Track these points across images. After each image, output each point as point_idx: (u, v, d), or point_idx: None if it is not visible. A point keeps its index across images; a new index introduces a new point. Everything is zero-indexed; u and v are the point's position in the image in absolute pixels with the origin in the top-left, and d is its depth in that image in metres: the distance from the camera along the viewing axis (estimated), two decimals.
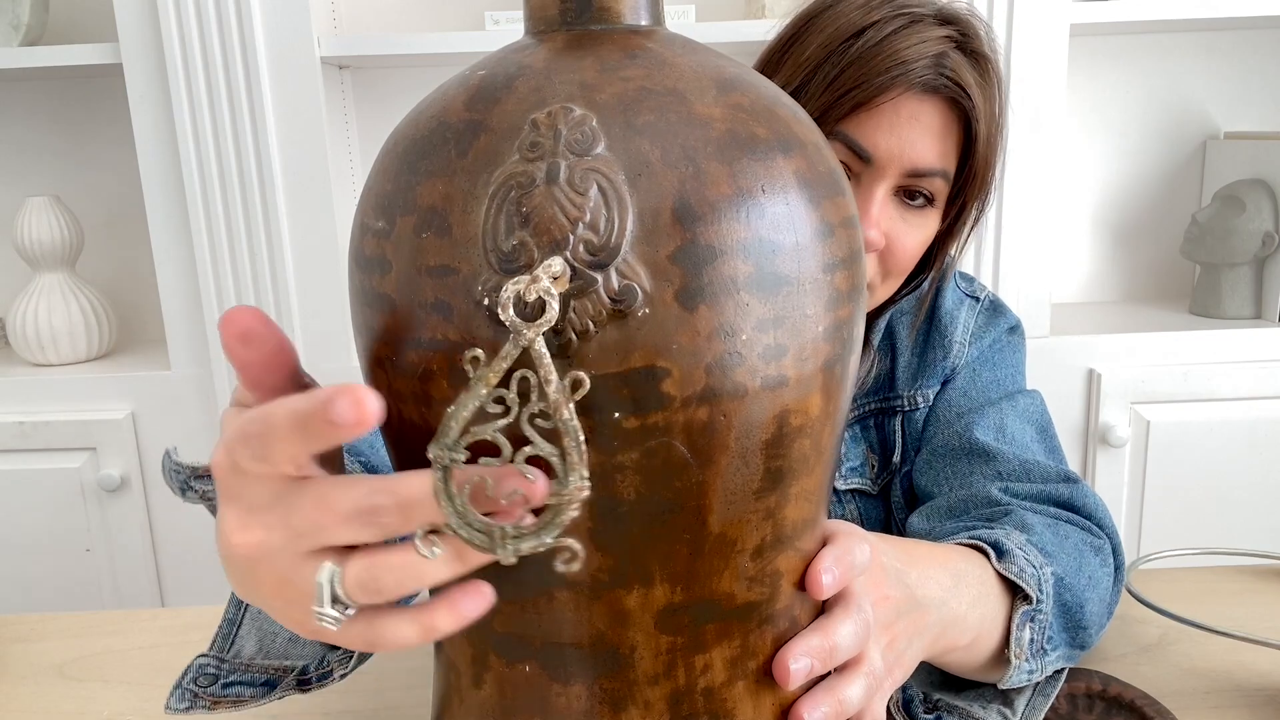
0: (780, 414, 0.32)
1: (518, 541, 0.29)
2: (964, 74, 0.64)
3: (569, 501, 0.28)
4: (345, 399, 0.27)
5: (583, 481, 0.28)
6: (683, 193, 0.29)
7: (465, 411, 0.29)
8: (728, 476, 0.31)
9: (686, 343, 0.29)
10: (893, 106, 0.63)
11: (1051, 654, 0.53)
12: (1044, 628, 0.52)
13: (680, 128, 0.30)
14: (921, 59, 0.62)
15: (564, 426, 0.28)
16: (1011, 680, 0.51)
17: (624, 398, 0.29)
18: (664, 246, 0.29)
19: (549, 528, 0.29)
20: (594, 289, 0.29)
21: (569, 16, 0.34)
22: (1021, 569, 0.52)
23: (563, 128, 0.30)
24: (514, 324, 0.28)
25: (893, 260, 0.67)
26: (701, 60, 0.33)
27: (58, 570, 1.45)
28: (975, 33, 0.66)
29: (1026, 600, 0.51)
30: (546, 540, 0.29)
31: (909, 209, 0.67)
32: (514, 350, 0.28)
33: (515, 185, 0.29)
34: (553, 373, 0.28)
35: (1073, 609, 0.55)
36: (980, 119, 0.65)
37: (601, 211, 0.29)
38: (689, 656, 0.33)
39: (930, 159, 0.65)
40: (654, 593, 0.32)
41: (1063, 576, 0.55)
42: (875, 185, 0.65)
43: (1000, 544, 0.53)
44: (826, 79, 0.63)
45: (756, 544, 0.33)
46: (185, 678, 0.50)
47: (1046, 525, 0.60)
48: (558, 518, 0.29)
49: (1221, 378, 1.39)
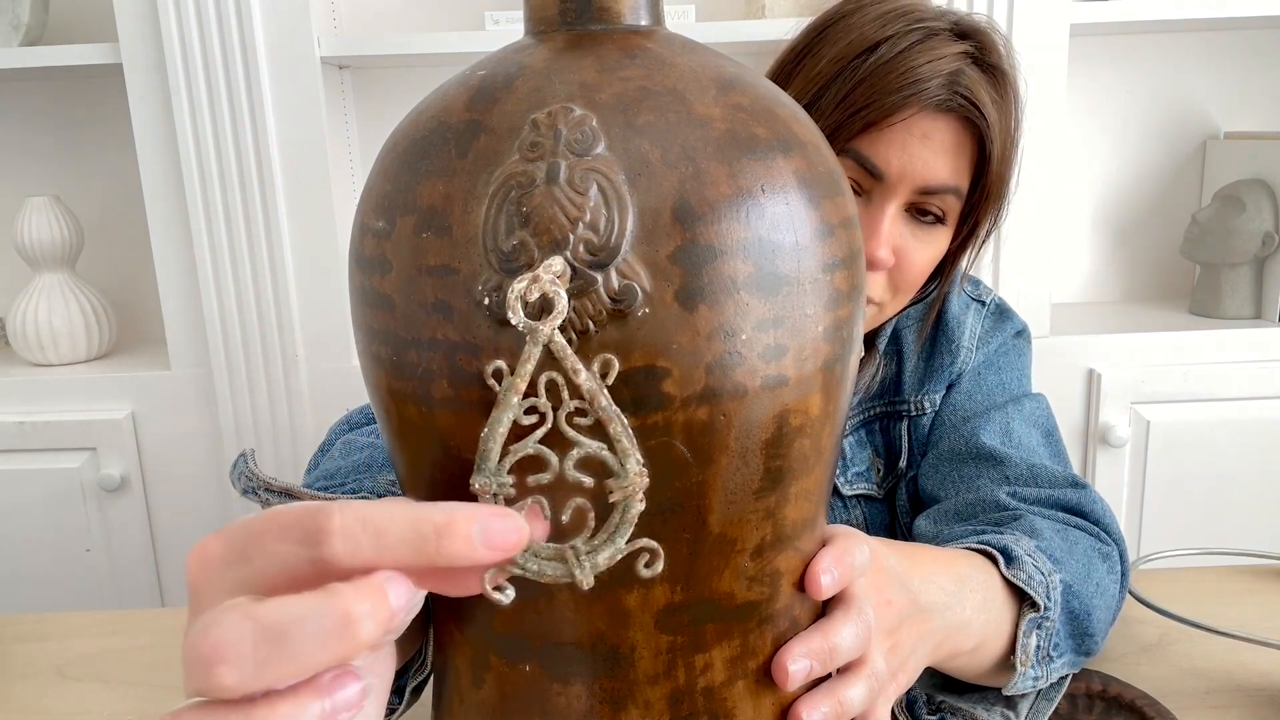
0: (780, 414, 0.32)
1: (594, 555, 0.28)
2: (979, 91, 0.62)
3: (633, 491, 0.27)
4: (502, 522, 0.25)
5: (640, 467, 0.28)
6: (683, 193, 0.29)
7: (501, 428, 0.28)
8: (728, 476, 0.31)
9: (686, 342, 0.29)
10: (905, 125, 0.62)
11: (1057, 661, 0.53)
12: (1051, 635, 0.52)
13: (680, 128, 0.30)
14: (935, 77, 0.61)
15: (606, 414, 0.27)
16: (1016, 687, 0.51)
17: (624, 398, 0.29)
18: (664, 246, 0.29)
19: (621, 528, 0.28)
20: (594, 289, 0.29)
21: (569, 16, 0.34)
22: (1030, 576, 0.51)
23: (563, 128, 0.30)
24: (527, 324, 0.27)
25: (902, 277, 0.66)
26: (701, 60, 0.33)
27: (58, 570, 1.45)
28: (993, 46, 0.64)
29: (1034, 608, 0.51)
30: (621, 544, 0.28)
31: (919, 226, 0.66)
32: (535, 349, 0.27)
33: (515, 185, 0.29)
34: (580, 363, 0.27)
35: (1080, 616, 0.55)
36: (995, 137, 0.63)
37: (601, 211, 0.29)
38: (689, 656, 0.33)
39: (942, 177, 0.63)
40: (654, 592, 0.32)
41: (1071, 584, 0.54)
42: (886, 203, 0.64)
43: (1009, 550, 0.52)
44: (838, 95, 0.62)
45: (756, 544, 0.33)
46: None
47: (1056, 531, 0.59)
48: (627, 514, 0.28)
49: (1221, 378, 1.39)
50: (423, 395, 0.31)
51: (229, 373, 1.39)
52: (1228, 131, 1.57)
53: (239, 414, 1.41)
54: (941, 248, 0.67)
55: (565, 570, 0.28)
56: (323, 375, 1.41)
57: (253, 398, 1.40)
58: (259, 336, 1.38)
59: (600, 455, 0.28)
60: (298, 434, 1.41)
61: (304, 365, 1.40)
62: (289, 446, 1.42)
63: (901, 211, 0.65)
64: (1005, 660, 0.51)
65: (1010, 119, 0.65)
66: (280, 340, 1.39)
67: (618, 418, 0.28)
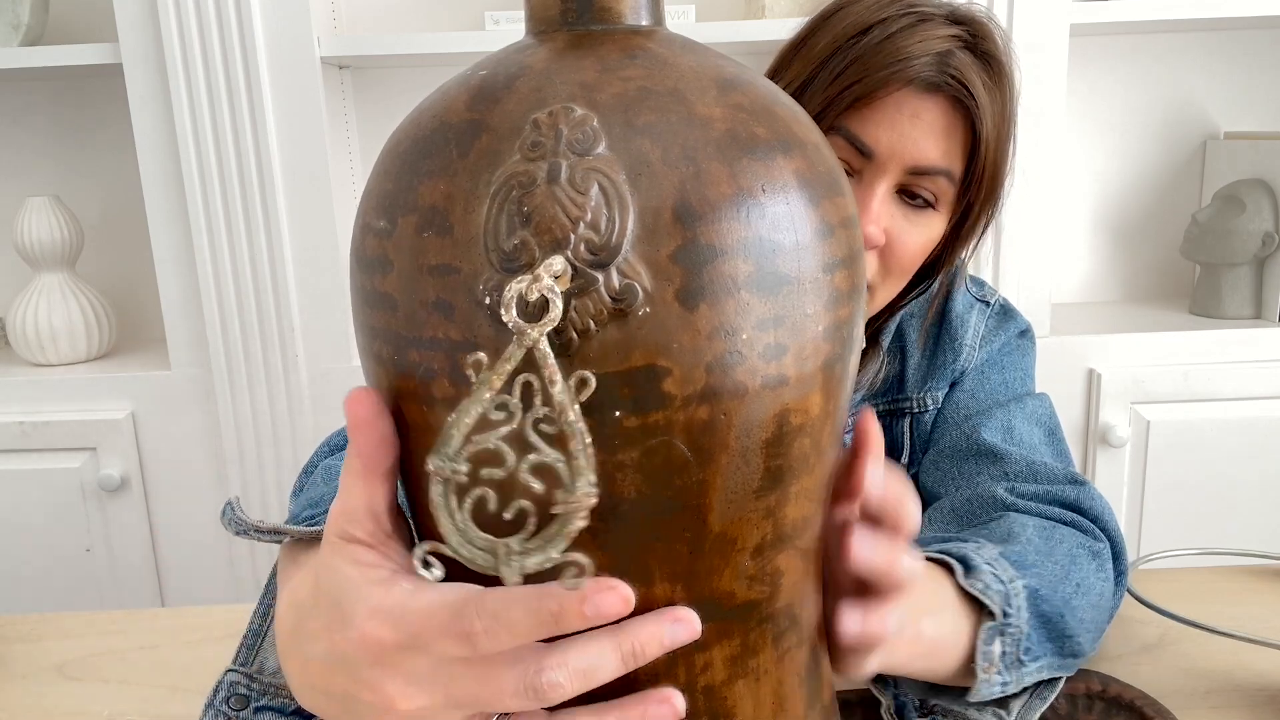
0: (780, 413, 0.32)
1: (523, 558, 0.28)
2: (970, 73, 0.63)
3: (576, 509, 0.28)
4: (609, 596, 0.29)
5: (591, 488, 0.28)
6: (683, 192, 0.29)
7: (468, 419, 0.28)
8: (728, 475, 0.31)
9: (687, 342, 0.29)
10: (894, 103, 0.63)
11: (1031, 665, 0.53)
12: (1019, 640, 0.52)
13: (681, 128, 0.30)
14: (924, 55, 0.62)
15: (570, 429, 0.28)
16: (981, 692, 0.51)
17: (625, 397, 0.29)
18: (665, 246, 0.29)
19: (556, 540, 0.28)
20: (595, 288, 0.29)
21: (570, 17, 0.34)
22: (987, 585, 0.51)
23: (564, 127, 0.30)
24: (517, 325, 0.27)
25: (893, 260, 0.67)
26: (701, 60, 0.33)
27: (58, 570, 1.45)
28: (987, 34, 0.65)
29: (991, 616, 0.51)
30: (554, 555, 0.28)
31: (911, 209, 0.66)
32: (518, 351, 0.28)
33: (517, 185, 0.29)
34: (558, 373, 0.28)
35: (1053, 619, 0.54)
36: (985, 120, 0.64)
37: (603, 211, 0.29)
38: (689, 655, 0.33)
39: (932, 157, 0.64)
40: (654, 591, 0.32)
41: (1038, 589, 0.54)
42: (876, 182, 0.64)
43: (968, 559, 0.52)
44: (830, 75, 0.63)
45: (756, 543, 0.33)
46: (217, 696, 0.49)
47: (1039, 530, 0.59)
48: (565, 528, 0.28)
49: (1221, 378, 1.39)
50: (424, 394, 0.32)
51: (229, 373, 1.39)
52: (1228, 131, 1.57)
53: (239, 414, 1.41)
54: (934, 233, 0.68)
55: (492, 564, 0.28)
56: (323, 375, 1.41)
57: (253, 398, 1.40)
58: (259, 336, 1.38)
59: (555, 466, 0.28)
60: (298, 434, 1.41)
61: (304, 365, 1.40)
62: (289, 446, 1.42)
63: (893, 193, 0.66)
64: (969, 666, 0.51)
65: (1003, 107, 0.65)
66: (280, 340, 1.39)
67: (580, 435, 0.28)
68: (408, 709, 0.32)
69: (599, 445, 0.30)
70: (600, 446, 0.30)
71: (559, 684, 0.30)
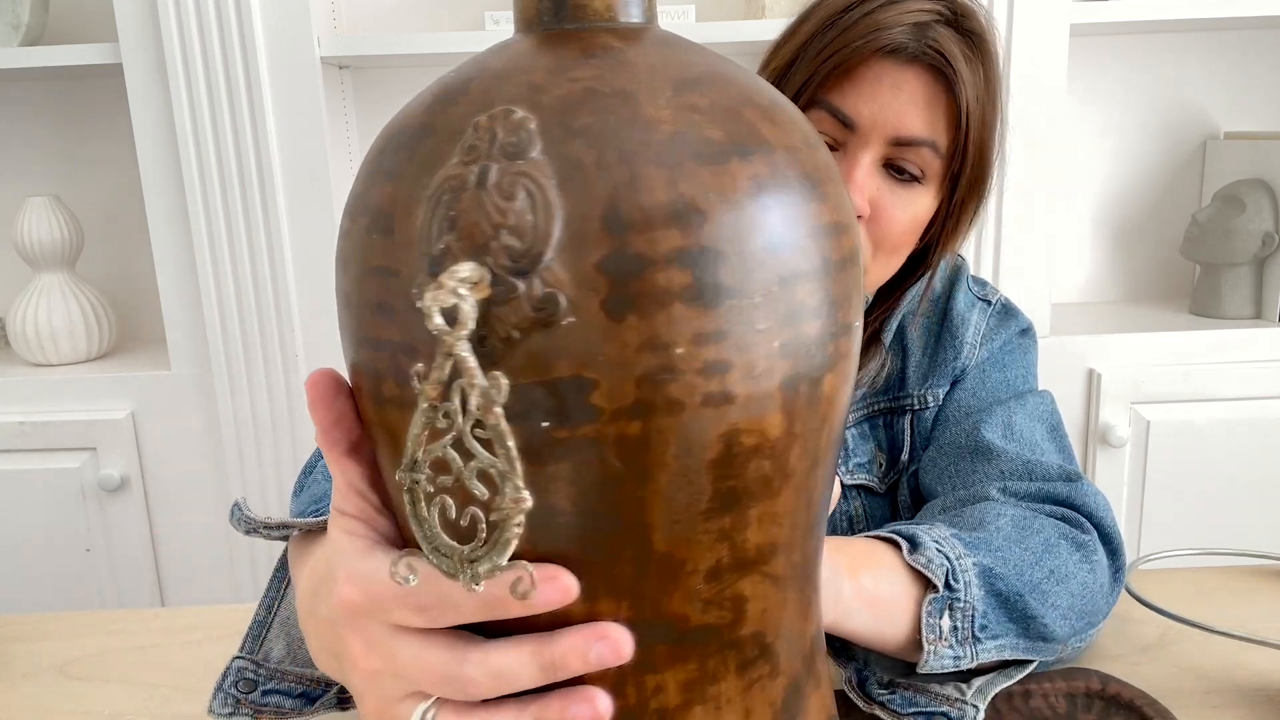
0: (727, 433, 0.30)
1: (474, 565, 0.28)
2: (949, 44, 0.63)
3: (509, 514, 0.27)
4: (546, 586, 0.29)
5: (519, 493, 0.27)
6: (615, 198, 0.28)
7: (417, 429, 0.28)
8: (670, 494, 0.30)
9: (614, 354, 0.28)
10: (874, 75, 0.64)
11: (989, 643, 0.54)
12: (971, 616, 0.53)
13: (621, 130, 0.29)
14: (900, 25, 0.63)
15: (494, 434, 0.27)
16: (930, 664, 0.52)
17: (551, 408, 0.28)
18: (591, 254, 0.28)
19: (497, 548, 0.28)
20: (516, 296, 0.28)
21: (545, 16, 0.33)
22: (930, 559, 0.53)
23: (499, 130, 0.29)
24: (439, 329, 0.27)
25: (881, 233, 0.67)
26: (669, 59, 0.32)
27: (58, 570, 1.45)
28: (969, 12, 0.65)
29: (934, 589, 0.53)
30: (500, 562, 0.28)
31: (897, 183, 0.66)
32: (444, 359, 0.27)
33: (449, 189, 0.29)
34: (477, 376, 0.27)
35: (1010, 599, 0.55)
36: (965, 90, 0.64)
37: (527, 217, 0.28)
38: (639, 675, 0.32)
39: (915, 127, 0.64)
40: (598, 606, 0.31)
41: (992, 567, 0.55)
42: (860, 153, 0.65)
43: (915, 536, 0.54)
44: (811, 54, 0.64)
45: (711, 566, 0.31)
46: (225, 680, 0.50)
47: (1015, 520, 0.60)
48: (503, 535, 0.27)
49: (1221, 378, 1.39)
50: (375, 393, 0.32)
51: (229, 373, 1.39)
52: (1228, 131, 1.57)
53: (239, 414, 1.41)
54: (922, 209, 0.68)
55: (453, 569, 0.29)
56: None
57: (253, 398, 1.40)
58: (259, 336, 1.38)
59: (491, 472, 0.28)
60: (298, 434, 1.41)
61: (304, 365, 1.40)
62: (289, 446, 1.42)
63: (878, 165, 0.66)
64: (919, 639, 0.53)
65: (987, 82, 0.66)
66: (280, 340, 1.39)
67: (501, 439, 0.27)
68: (366, 669, 0.34)
69: (530, 456, 0.29)
70: (532, 457, 0.29)
71: (476, 680, 0.31)
